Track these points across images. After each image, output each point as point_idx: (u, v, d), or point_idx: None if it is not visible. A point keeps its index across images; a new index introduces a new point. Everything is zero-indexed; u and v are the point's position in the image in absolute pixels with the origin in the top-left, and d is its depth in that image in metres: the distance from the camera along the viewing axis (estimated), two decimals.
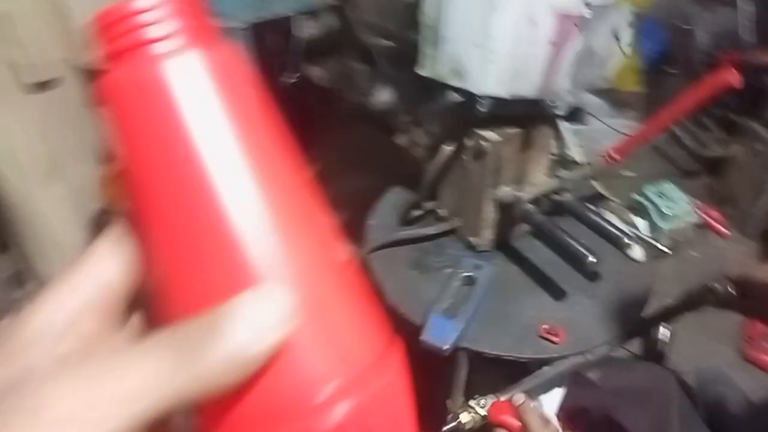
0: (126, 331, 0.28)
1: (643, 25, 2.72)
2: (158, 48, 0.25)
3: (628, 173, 1.59)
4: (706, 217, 1.12)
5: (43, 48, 1.23)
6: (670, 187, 1.12)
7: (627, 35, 0.87)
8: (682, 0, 2.39)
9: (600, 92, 2.60)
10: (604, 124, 1.84)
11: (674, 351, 1.58)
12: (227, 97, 0.25)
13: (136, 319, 0.28)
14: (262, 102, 0.27)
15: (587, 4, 0.80)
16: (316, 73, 1.99)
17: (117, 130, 0.26)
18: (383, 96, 1.38)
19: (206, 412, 0.24)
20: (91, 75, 1.34)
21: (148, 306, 0.28)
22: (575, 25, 0.81)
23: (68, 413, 0.20)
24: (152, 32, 0.25)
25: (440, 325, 0.93)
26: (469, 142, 0.97)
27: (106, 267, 0.26)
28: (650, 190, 1.11)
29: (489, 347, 0.93)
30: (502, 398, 0.86)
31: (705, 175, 2.18)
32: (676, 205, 1.09)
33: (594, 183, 1.24)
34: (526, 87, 0.87)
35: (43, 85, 1.26)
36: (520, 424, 0.83)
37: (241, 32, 1.09)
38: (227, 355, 0.21)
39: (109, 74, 0.25)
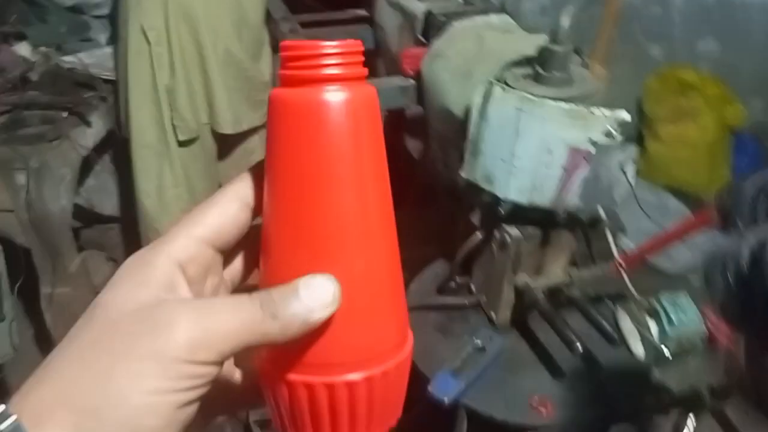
0: (229, 270, 0.38)
1: (739, 141, 2.76)
2: (329, 79, 0.33)
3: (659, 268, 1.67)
4: (713, 330, 1.21)
5: (192, 114, 1.62)
6: (685, 299, 1.23)
7: (631, 169, 1.04)
8: None
9: (685, 198, 2.66)
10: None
11: None
12: (367, 126, 0.34)
13: (238, 260, 0.38)
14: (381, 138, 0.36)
15: (594, 143, 0.99)
16: (412, 144, 2.26)
17: (278, 137, 0.34)
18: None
19: (269, 353, 0.35)
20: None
21: (250, 250, 0.37)
22: (584, 157, 1.01)
23: (191, 336, 0.28)
24: (326, 68, 0.33)
25: (446, 381, 1.12)
26: (496, 234, 1.18)
27: (227, 209, 0.35)
28: (666, 299, 1.22)
29: (484, 408, 1.11)
30: None
31: None
32: (686, 317, 1.19)
33: (625, 279, 1.37)
34: (542, 198, 1.07)
35: (188, 142, 1.65)
36: None
37: None
38: (296, 315, 0.31)
39: (286, 92, 0.34)
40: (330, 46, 0.33)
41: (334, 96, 0.33)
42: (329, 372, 0.34)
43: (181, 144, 1.65)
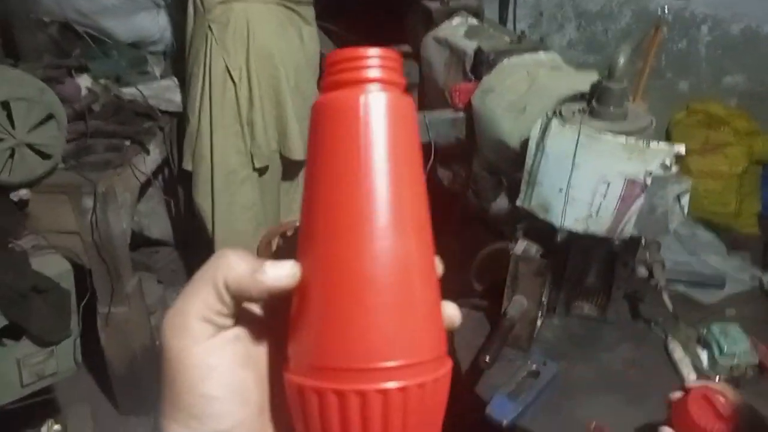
0: None
1: (764, 171, 2.79)
2: (368, 83, 0.33)
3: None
4: (765, 359, 1.23)
5: (266, 143, 1.75)
6: (734, 328, 1.25)
7: (686, 199, 1.09)
8: None
9: (715, 230, 2.68)
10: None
11: None
12: (404, 129, 0.34)
13: None
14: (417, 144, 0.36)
15: (650, 174, 1.04)
16: (446, 176, 2.32)
17: (317, 141, 0.34)
18: (501, 204, 1.66)
19: (298, 356, 0.33)
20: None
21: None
22: (640, 188, 1.06)
23: (225, 274, 0.34)
24: (367, 72, 0.33)
25: (503, 404, 1.15)
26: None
27: None
28: (716, 328, 1.24)
29: (540, 431, 1.13)
30: None
31: None
32: (737, 345, 1.21)
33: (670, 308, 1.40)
34: (598, 227, 1.12)
35: (263, 168, 1.79)
36: None
37: None
38: (267, 278, 0.33)
39: (326, 96, 0.34)
40: (370, 50, 0.33)
41: (375, 96, 0.33)
42: (362, 380, 0.31)
43: (256, 170, 1.78)
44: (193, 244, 2.08)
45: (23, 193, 1.50)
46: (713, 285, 1.25)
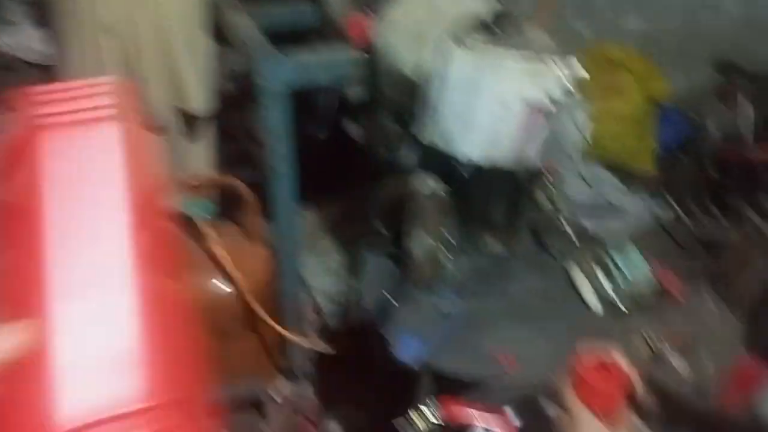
0: None
1: (663, 113, 2.90)
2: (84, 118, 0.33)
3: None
4: (662, 279, 1.27)
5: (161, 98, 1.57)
6: (633, 250, 1.29)
7: (585, 123, 1.07)
8: (700, 96, 2.57)
9: (615, 171, 2.77)
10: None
11: None
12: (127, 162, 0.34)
13: None
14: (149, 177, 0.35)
15: (551, 99, 1.01)
16: (354, 130, 2.24)
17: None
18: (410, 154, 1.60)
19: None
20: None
21: None
22: (541, 114, 1.02)
23: None
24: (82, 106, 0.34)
25: (410, 345, 1.11)
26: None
27: None
28: (615, 251, 1.27)
29: (448, 367, 1.11)
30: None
31: (703, 255, 2.31)
32: (636, 267, 1.24)
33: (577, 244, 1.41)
34: (502, 157, 1.08)
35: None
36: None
37: (285, 96, 1.34)
38: None
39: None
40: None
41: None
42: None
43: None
44: None
45: None
46: (614, 216, 1.26)
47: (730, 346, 2.03)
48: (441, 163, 1.16)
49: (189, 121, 1.71)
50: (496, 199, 1.29)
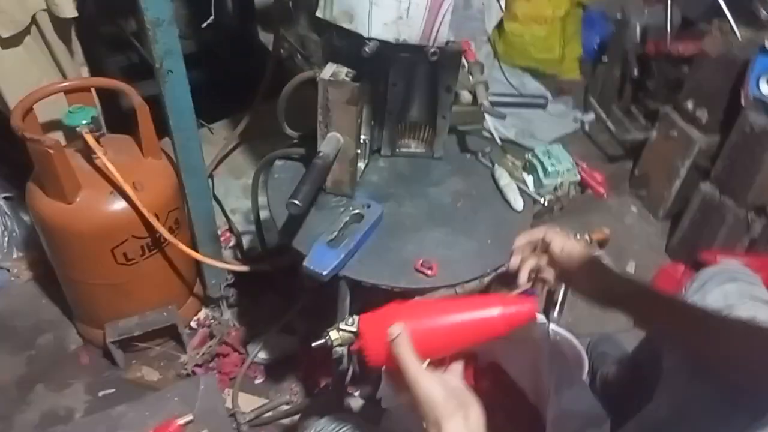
0: None
1: (587, 16, 2.83)
2: None
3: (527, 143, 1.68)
4: (586, 177, 1.23)
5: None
6: (557, 149, 1.23)
7: None
8: None
9: (541, 78, 2.71)
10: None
11: (574, 316, 1.71)
12: None
13: None
14: None
15: None
16: (270, 39, 2.04)
17: None
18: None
19: None
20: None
21: None
22: None
23: None
24: None
25: (322, 254, 1.01)
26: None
27: None
28: (540, 150, 1.21)
29: (367, 277, 1.02)
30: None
31: (625, 158, 2.32)
32: (560, 164, 1.19)
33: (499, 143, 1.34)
34: (410, 33, 0.95)
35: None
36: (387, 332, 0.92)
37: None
38: None
39: None
40: None
41: None
42: None
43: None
44: None
45: None
46: (537, 105, 1.17)
47: (651, 248, 2.07)
48: (349, 52, 1.02)
49: (59, 24, 1.47)
50: (414, 93, 1.17)
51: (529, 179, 1.21)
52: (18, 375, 1.55)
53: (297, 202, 0.93)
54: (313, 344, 0.97)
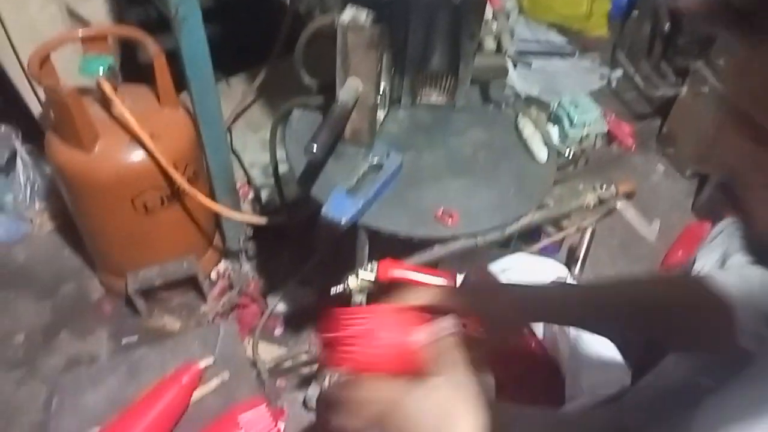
0: None
1: None
2: None
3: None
4: (613, 128, 1.19)
5: None
6: (585, 99, 1.19)
7: None
8: None
9: (567, 34, 2.62)
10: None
11: (596, 273, 1.69)
12: None
13: None
14: None
15: None
16: None
17: None
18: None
19: None
20: None
21: None
22: None
23: None
24: None
25: (341, 202, 1.00)
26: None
27: None
28: (566, 100, 1.17)
29: (386, 226, 1.01)
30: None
31: (652, 116, 2.26)
32: (587, 114, 1.15)
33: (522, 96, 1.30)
34: None
35: None
36: (408, 279, 0.91)
37: None
38: None
39: None
40: None
41: None
42: None
43: None
44: None
45: None
46: (563, 53, 1.13)
47: (677, 207, 2.03)
48: None
49: None
50: (436, 39, 1.14)
51: (554, 131, 1.17)
52: (42, 322, 1.58)
53: (315, 147, 0.92)
54: (332, 291, 0.97)
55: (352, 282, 0.94)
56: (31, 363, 1.50)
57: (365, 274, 0.94)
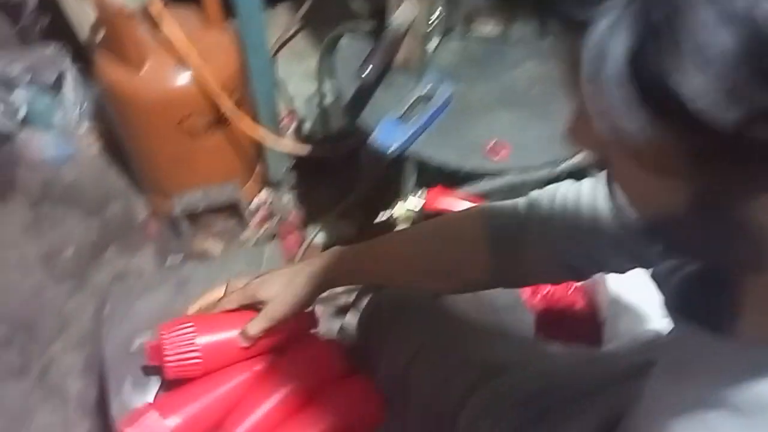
0: None
1: None
2: None
3: None
4: None
5: None
6: None
7: None
8: None
9: None
10: None
11: None
12: None
13: None
14: None
15: None
16: None
17: None
18: None
19: None
20: None
21: None
22: None
23: None
24: None
25: (389, 131, 0.98)
26: None
27: None
28: None
29: (434, 156, 0.99)
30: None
31: None
32: None
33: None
34: None
35: None
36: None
37: None
38: None
39: None
40: None
41: None
42: None
43: None
44: None
45: None
46: None
47: None
48: None
49: None
50: None
51: None
52: (90, 238, 1.64)
53: (368, 70, 0.90)
54: (377, 219, 0.98)
55: (399, 209, 0.94)
56: (81, 276, 1.56)
57: (413, 202, 0.94)
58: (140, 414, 0.72)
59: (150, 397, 0.82)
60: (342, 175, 1.69)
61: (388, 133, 0.98)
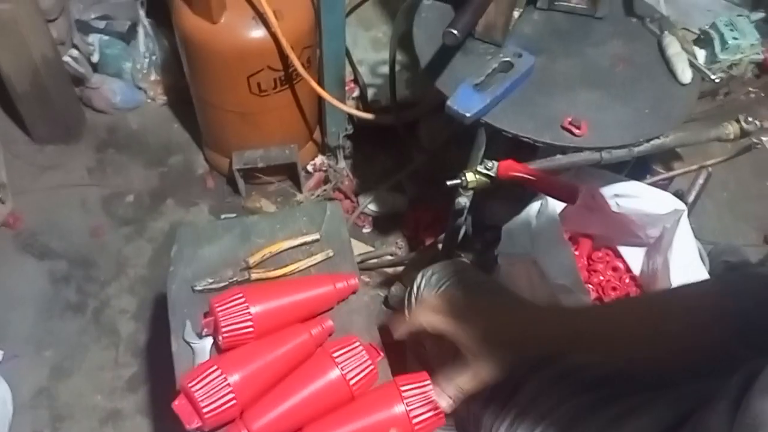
0: None
1: None
2: None
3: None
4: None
5: None
6: (744, 21, 1.06)
7: None
8: None
9: None
10: None
11: (699, 223, 1.59)
12: None
13: None
14: None
15: None
16: None
17: None
18: None
19: None
20: None
21: None
22: None
23: None
24: None
25: (467, 96, 0.96)
26: None
27: None
28: (721, 21, 1.05)
29: (510, 127, 0.97)
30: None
31: None
32: (744, 39, 1.03)
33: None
34: None
35: None
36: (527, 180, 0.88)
37: None
38: None
39: None
40: None
41: None
42: None
43: None
44: None
45: None
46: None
47: None
48: None
49: None
50: None
51: (701, 54, 1.07)
52: (151, 187, 1.67)
53: (455, 31, 0.88)
54: (448, 182, 0.96)
55: (470, 176, 0.92)
56: (140, 222, 1.60)
57: (484, 170, 0.91)
58: (203, 370, 0.73)
59: (207, 343, 0.83)
60: (398, 148, 1.68)
61: (465, 100, 0.96)
